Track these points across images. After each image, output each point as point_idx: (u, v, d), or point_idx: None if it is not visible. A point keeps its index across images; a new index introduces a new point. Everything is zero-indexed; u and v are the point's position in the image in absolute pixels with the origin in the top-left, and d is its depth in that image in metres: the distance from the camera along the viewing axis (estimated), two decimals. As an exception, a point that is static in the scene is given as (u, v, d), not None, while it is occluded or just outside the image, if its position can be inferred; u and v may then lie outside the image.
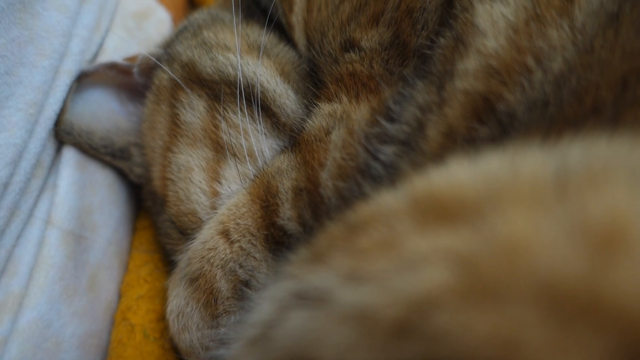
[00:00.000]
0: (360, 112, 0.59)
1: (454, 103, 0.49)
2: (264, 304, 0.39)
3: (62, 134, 0.73)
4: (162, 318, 0.72)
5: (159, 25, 0.89)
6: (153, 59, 0.72)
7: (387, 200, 0.37)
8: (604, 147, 0.32)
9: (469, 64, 0.49)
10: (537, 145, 0.36)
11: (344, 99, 0.61)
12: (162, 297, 0.73)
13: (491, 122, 0.47)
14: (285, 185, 0.60)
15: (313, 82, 0.67)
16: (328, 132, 0.60)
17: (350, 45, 0.63)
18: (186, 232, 0.69)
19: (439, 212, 0.32)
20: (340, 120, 0.59)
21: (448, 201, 0.33)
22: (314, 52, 0.66)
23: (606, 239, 0.26)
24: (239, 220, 0.62)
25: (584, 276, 0.25)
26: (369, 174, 0.56)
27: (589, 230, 0.27)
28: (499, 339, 0.25)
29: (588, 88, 0.42)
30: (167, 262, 0.77)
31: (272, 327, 0.36)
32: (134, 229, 0.84)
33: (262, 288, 0.52)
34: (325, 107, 0.62)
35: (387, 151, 0.54)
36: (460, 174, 0.35)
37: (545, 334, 0.25)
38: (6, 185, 0.65)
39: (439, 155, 0.49)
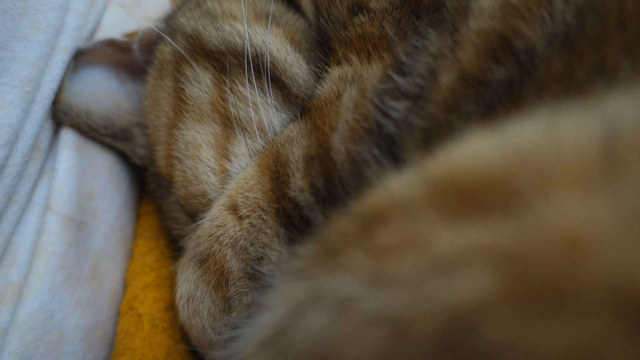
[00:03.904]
0: (372, 71, 0.55)
1: (467, 45, 0.46)
2: (277, 305, 0.36)
3: (60, 115, 0.70)
4: (170, 307, 0.69)
5: (157, 1, 0.85)
6: (156, 29, 0.68)
7: (401, 188, 0.32)
8: None
9: (485, 2, 0.46)
10: (574, 103, 0.30)
11: (355, 60, 0.57)
12: (170, 285, 0.70)
13: (508, 62, 0.44)
14: (296, 153, 0.57)
15: (323, 51, 0.64)
16: (339, 96, 0.56)
17: (358, 7, 0.59)
18: (196, 215, 0.66)
19: (467, 200, 0.28)
20: (352, 82, 0.56)
21: (475, 185, 0.28)
22: (322, 20, 0.63)
23: None
24: (247, 194, 0.58)
25: None
26: (380, 134, 0.52)
27: None
28: (575, 355, 0.21)
29: (610, 7, 0.39)
30: (174, 248, 0.73)
31: (287, 328, 0.33)
32: (137, 215, 0.80)
33: (273, 283, 0.48)
34: (335, 72, 0.58)
35: (399, 107, 0.51)
36: (484, 150, 0.30)
37: (632, 352, 0.21)
38: (2, 167, 0.61)
39: (451, 104, 0.46)
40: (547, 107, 0.32)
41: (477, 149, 0.30)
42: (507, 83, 0.43)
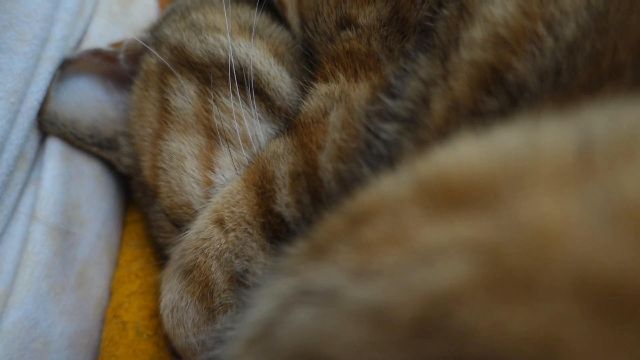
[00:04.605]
0: (359, 91, 0.56)
1: (460, 74, 0.47)
2: (263, 302, 0.37)
3: (46, 125, 0.70)
4: (155, 314, 0.69)
5: (145, 10, 0.85)
6: (140, 42, 0.68)
7: (389, 187, 0.34)
8: (629, 113, 0.29)
9: (475, 33, 0.47)
10: (553, 114, 0.32)
11: (342, 78, 0.58)
12: (155, 292, 0.70)
13: (500, 94, 0.45)
14: (282, 170, 0.57)
15: (308, 64, 0.64)
16: (326, 113, 0.57)
17: (346, 22, 0.60)
18: (181, 224, 0.66)
19: (451, 198, 0.29)
20: (339, 100, 0.57)
21: (459, 185, 0.30)
22: (308, 32, 0.64)
23: None
24: (233, 208, 0.59)
25: (628, 267, 0.22)
26: (370, 154, 0.53)
27: (627, 211, 0.24)
28: (537, 337, 0.23)
29: (604, 51, 0.40)
30: (159, 256, 0.74)
31: (274, 325, 0.34)
32: (123, 223, 0.80)
33: (259, 283, 0.49)
34: (321, 88, 0.59)
35: (389, 129, 0.51)
36: (470, 153, 0.32)
37: (590, 333, 0.22)
38: (-13, 178, 0.62)
39: (444, 131, 0.47)
40: (530, 116, 0.34)
41: (463, 152, 0.32)
42: (499, 113, 0.44)
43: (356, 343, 0.27)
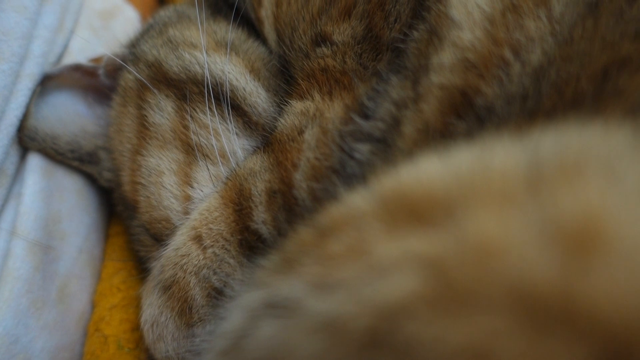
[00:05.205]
0: (333, 110, 0.56)
1: (430, 98, 0.48)
2: (235, 314, 0.38)
3: (26, 140, 0.70)
4: (136, 328, 0.70)
5: (126, 24, 0.86)
6: (118, 60, 0.69)
7: (355, 202, 0.35)
8: (575, 136, 0.31)
9: (445, 57, 0.48)
10: (508, 136, 0.34)
11: (317, 96, 0.58)
12: (137, 305, 0.71)
13: (469, 117, 0.46)
14: (259, 187, 0.58)
15: (284, 79, 0.65)
16: (301, 132, 0.57)
17: (321, 39, 0.60)
18: (161, 239, 0.67)
19: (409, 213, 0.31)
20: (314, 118, 0.57)
21: (417, 200, 0.31)
22: (284, 48, 0.64)
23: (579, 240, 0.24)
24: (211, 225, 0.60)
25: (557, 282, 0.24)
26: (344, 173, 0.54)
27: (560, 230, 0.25)
28: (471, 349, 0.24)
29: (568, 80, 0.40)
30: (141, 269, 0.74)
31: (243, 337, 0.35)
32: (106, 236, 0.81)
33: (234, 295, 0.50)
34: (297, 105, 0.59)
35: (363, 149, 0.52)
36: (429, 171, 0.33)
37: (519, 344, 0.23)
38: (-34, 195, 0.62)
39: (414, 152, 0.47)
40: (485, 137, 0.36)
41: (423, 170, 0.34)
42: (467, 135, 0.45)
43: (314, 354, 0.28)
